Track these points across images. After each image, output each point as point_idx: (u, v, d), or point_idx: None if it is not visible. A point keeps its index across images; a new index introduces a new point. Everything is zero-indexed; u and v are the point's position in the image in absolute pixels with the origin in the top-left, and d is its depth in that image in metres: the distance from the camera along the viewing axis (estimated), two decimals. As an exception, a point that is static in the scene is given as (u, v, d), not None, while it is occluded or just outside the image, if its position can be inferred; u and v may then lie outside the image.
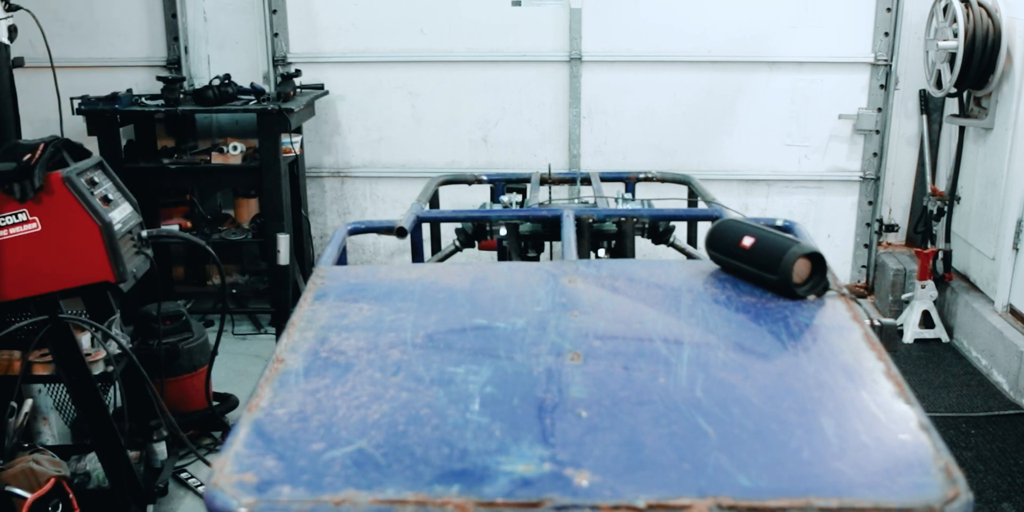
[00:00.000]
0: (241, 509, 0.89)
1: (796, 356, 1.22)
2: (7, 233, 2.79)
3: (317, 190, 5.52)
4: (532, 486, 0.90)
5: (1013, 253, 4.28)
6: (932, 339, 4.78)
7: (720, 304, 1.41)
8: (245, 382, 4.23)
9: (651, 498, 0.88)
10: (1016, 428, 3.80)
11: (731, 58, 5.12)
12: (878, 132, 5.23)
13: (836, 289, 1.43)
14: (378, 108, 5.36)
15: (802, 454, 0.96)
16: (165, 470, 3.36)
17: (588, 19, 5.15)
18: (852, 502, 0.87)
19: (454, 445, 0.99)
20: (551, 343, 1.25)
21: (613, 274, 1.54)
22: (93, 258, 2.84)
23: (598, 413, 1.05)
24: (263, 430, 1.04)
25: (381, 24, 5.23)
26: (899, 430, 1.00)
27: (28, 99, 3.40)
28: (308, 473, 0.94)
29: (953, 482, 0.89)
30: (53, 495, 2.92)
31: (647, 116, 5.27)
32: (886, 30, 5.09)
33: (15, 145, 2.88)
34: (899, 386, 1.10)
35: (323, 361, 1.22)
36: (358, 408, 1.08)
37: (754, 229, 1.52)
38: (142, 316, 3.76)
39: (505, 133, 5.37)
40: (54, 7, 5.10)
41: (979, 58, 4.28)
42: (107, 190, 2.99)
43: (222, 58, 5.26)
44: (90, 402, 3.01)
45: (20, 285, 2.85)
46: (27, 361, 3.05)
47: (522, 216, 2.70)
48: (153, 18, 5.28)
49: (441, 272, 1.62)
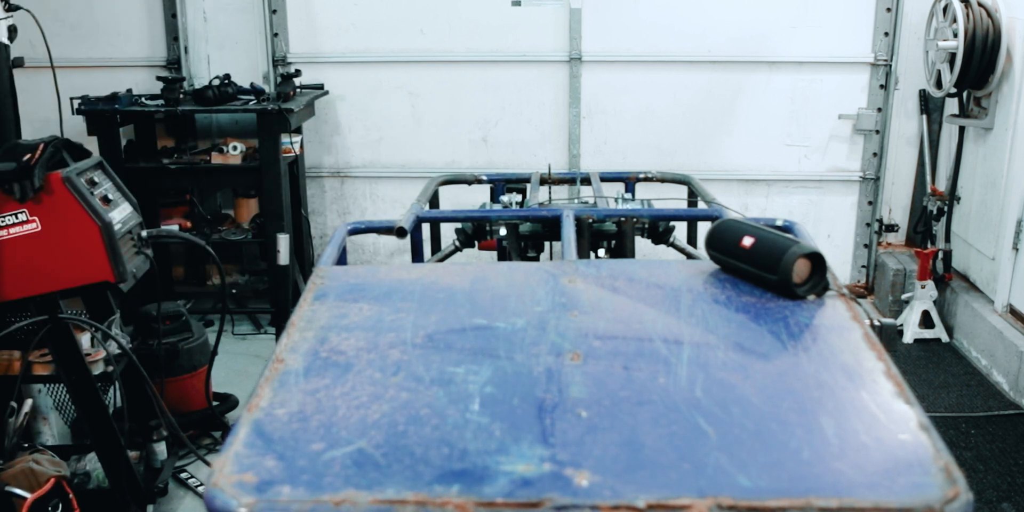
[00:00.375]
0: (241, 509, 0.89)
1: (796, 356, 1.22)
2: (7, 233, 2.79)
3: (317, 190, 5.52)
4: (532, 486, 0.90)
5: (1013, 253, 4.28)
6: (932, 339, 4.78)
7: (720, 304, 1.41)
8: (245, 382, 4.23)
9: (651, 498, 0.88)
10: (1016, 428, 3.80)
11: (731, 58, 5.12)
12: (878, 132, 5.23)
13: (836, 289, 1.43)
14: (378, 108, 5.36)
15: (802, 454, 0.96)
16: (165, 470, 3.36)
17: (588, 19, 5.15)
18: (852, 502, 0.87)
19: (454, 445, 0.99)
20: (551, 343, 1.25)
21: (613, 274, 1.54)
22: (93, 258, 2.84)
23: (598, 413, 1.05)
24: (263, 430, 1.04)
25: (381, 24, 5.23)
26: (899, 430, 1.00)
27: (28, 99, 3.40)
28: (308, 473, 0.94)
29: (953, 482, 0.89)
30: (53, 495, 2.91)
31: (647, 116, 5.27)
32: (886, 30, 5.10)
33: (15, 145, 2.88)
34: (899, 386, 1.10)
35: (323, 361, 1.22)
36: (358, 408, 1.08)
37: (754, 229, 1.52)
38: (142, 316, 3.76)
39: (505, 133, 5.37)
40: (54, 7, 5.10)
41: (979, 58, 4.28)
42: (107, 190, 2.99)
43: (222, 58, 5.26)
44: (90, 402, 3.01)
45: (20, 285, 2.85)
46: (27, 361, 3.05)
47: (522, 216, 2.70)
48: (153, 18, 5.28)
49: (441, 272, 1.62)
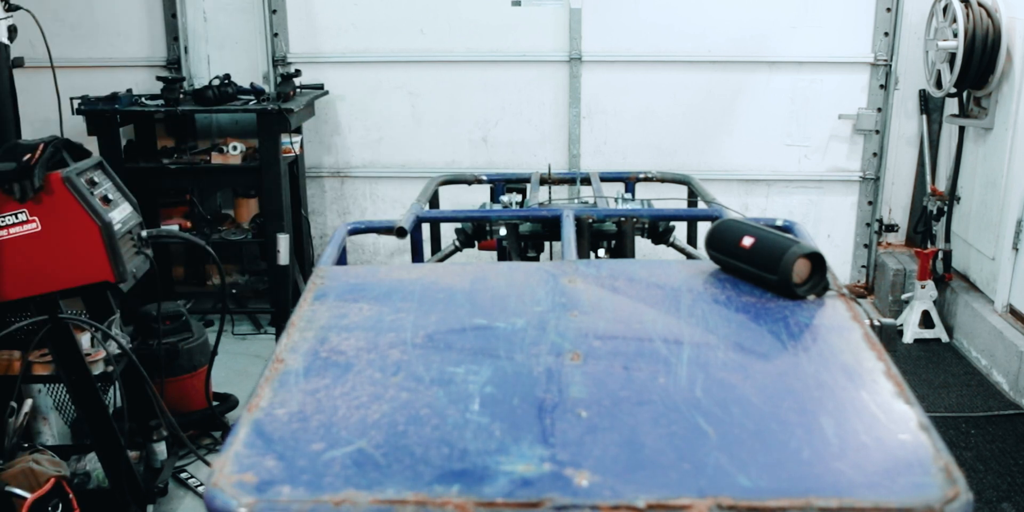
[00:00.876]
0: (241, 509, 0.89)
1: (796, 356, 1.22)
2: (7, 233, 2.79)
3: (317, 190, 5.52)
4: (532, 486, 0.90)
5: (1013, 253, 4.28)
6: (932, 339, 4.78)
7: (720, 304, 1.41)
8: (245, 382, 4.23)
9: (651, 498, 0.88)
10: (1016, 428, 3.80)
11: (731, 58, 5.12)
12: (878, 132, 5.23)
13: (836, 289, 1.43)
14: (378, 108, 5.36)
15: (802, 454, 0.96)
16: (165, 470, 3.36)
17: (588, 19, 5.15)
18: (852, 502, 0.86)
19: (454, 445, 0.99)
20: (551, 343, 1.25)
21: (613, 274, 1.54)
22: (93, 258, 2.84)
23: (598, 413, 1.05)
24: (263, 430, 1.03)
25: (381, 24, 5.23)
26: (899, 430, 1.00)
27: (28, 99, 3.40)
28: (308, 473, 0.94)
29: (953, 482, 0.89)
30: (53, 495, 2.92)
31: (647, 116, 5.27)
32: (886, 30, 5.09)
33: (15, 145, 2.88)
34: (899, 386, 1.10)
35: (323, 361, 1.22)
36: (358, 408, 1.08)
37: (754, 229, 1.52)
38: (142, 316, 3.76)
39: (505, 133, 5.36)
40: (54, 7, 5.10)
41: (979, 58, 4.27)
42: (107, 190, 2.99)
43: (222, 58, 5.26)
44: (90, 402, 3.01)
45: (20, 285, 2.85)
46: (27, 361, 3.05)
47: (522, 216, 2.70)
48: (153, 18, 5.28)
49: (441, 272, 1.62)
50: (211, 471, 0.95)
